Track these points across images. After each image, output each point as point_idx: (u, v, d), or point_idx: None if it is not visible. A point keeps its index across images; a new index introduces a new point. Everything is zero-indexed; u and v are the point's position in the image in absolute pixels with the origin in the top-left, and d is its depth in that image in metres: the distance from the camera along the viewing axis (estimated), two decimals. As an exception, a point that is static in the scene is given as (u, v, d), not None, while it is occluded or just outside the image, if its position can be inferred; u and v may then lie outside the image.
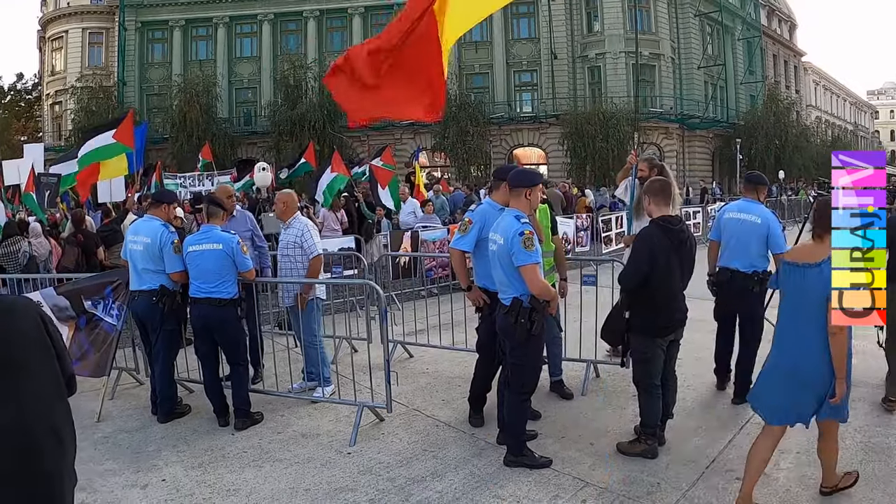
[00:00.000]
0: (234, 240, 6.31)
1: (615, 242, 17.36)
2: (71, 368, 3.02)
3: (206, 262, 6.20)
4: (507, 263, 5.00)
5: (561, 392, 6.80)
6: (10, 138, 56.03)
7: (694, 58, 44.98)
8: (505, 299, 5.13)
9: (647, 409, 5.28)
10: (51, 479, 2.85)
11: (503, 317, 5.12)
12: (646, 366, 5.22)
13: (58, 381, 2.92)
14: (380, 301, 6.14)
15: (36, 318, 2.89)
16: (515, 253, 4.90)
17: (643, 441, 5.26)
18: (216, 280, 6.20)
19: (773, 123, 44.51)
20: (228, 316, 6.28)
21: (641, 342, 5.21)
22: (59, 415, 2.91)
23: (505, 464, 5.20)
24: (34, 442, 2.77)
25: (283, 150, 38.29)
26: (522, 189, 5.20)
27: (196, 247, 6.26)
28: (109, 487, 5.12)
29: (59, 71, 49.16)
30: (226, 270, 6.23)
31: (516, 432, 5.27)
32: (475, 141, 39.82)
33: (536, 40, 44.21)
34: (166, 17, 46.96)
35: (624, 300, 5.35)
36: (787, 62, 59.47)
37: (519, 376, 5.19)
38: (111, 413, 6.79)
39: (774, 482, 4.79)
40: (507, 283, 5.10)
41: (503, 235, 5.04)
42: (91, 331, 6.89)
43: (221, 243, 6.21)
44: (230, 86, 46.30)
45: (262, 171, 18.10)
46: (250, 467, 5.40)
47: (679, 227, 5.20)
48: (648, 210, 5.31)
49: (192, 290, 6.35)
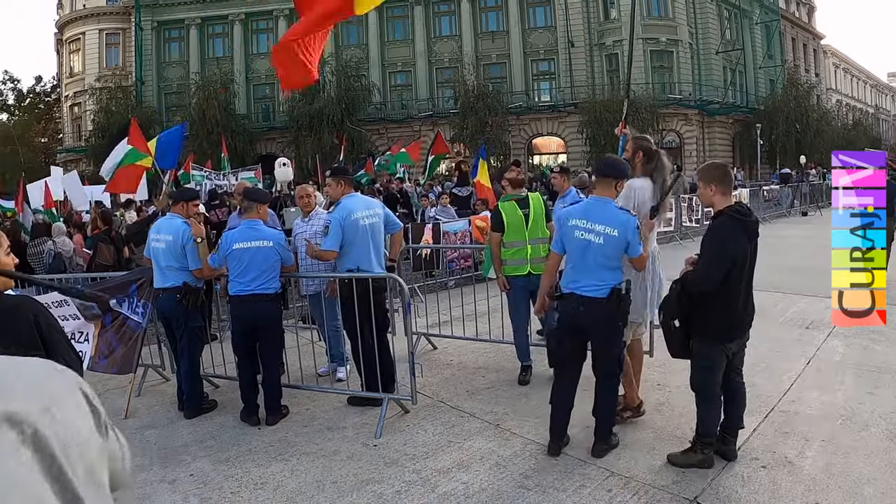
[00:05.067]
0: (282, 236, 6.37)
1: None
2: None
3: (255, 258, 6.21)
4: (616, 255, 5.00)
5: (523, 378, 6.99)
6: (31, 140, 56.70)
7: (712, 43, 44.59)
8: (600, 291, 4.99)
9: (707, 418, 4.89)
10: None
11: (602, 309, 4.99)
12: (710, 373, 4.81)
13: None
14: (403, 293, 6.15)
15: (29, 319, 2.91)
16: (632, 244, 4.96)
17: (699, 451, 4.87)
18: (265, 276, 6.21)
19: (793, 108, 44.03)
20: (272, 310, 6.32)
21: (709, 348, 4.79)
22: None
23: (597, 455, 5.12)
24: None
25: (301, 144, 38.50)
26: (613, 180, 5.16)
27: (244, 244, 6.24)
28: (138, 483, 5.16)
29: (78, 72, 49.62)
30: (274, 266, 6.27)
31: (610, 418, 5.25)
32: (494, 131, 39.75)
33: (553, 29, 44.08)
34: (182, 16, 47.30)
35: (674, 307, 4.85)
36: (807, 45, 58.80)
37: (619, 362, 5.15)
38: (138, 409, 6.87)
39: (800, 471, 4.75)
40: (606, 275, 5.01)
41: (615, 227, 4.96)
42: (118, 329, 6.95)
43: (272, 240, 6.25)
44: (248, 82, 46.55)
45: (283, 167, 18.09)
46: (277, 461, 5.43)
47: (753, 218, 4.84)
48: (710, 200, 4.82)
49: (235, 288, 6.31)
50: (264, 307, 6.23)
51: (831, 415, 5.69)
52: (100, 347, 6.93)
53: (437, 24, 46.13)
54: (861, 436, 5.26)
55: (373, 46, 45.26)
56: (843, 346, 7.69)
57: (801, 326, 8.43)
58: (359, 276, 6.19)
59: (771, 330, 8.03)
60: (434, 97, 44.83)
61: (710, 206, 4.86)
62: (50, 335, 2.96)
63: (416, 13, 45.03)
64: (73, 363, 3.05)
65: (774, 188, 27.72)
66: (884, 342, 7.66)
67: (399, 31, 46.21)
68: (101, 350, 6.93)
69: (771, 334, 7.85)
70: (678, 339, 4.87)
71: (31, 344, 2.89)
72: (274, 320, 6.37)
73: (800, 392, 6.27)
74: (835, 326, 8.15)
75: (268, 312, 6.27)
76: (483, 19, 45.49)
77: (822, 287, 5.13)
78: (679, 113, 42.26)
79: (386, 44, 45.96)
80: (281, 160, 19.28)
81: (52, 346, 2.95)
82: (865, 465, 4.77)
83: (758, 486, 4.54)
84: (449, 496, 4.68)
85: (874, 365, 6.95)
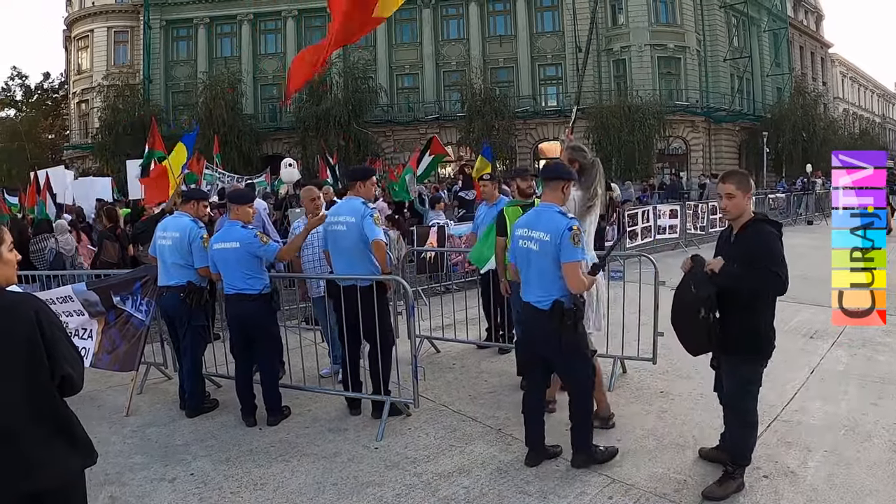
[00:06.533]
0: (251, 234, 6.31)
1: (640, 237, 17.23)
2: (66, 370, 2.99)
3: (228, 259, 6.23)
4: (553, 263, 4.79)
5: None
6: (38, 136, 56.88)
7: (720, 50, 44.59)
8: (543, 303, 4.87)
9: (746, 442, 4.62)
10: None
11: (545, 322, 4.85)
12: (752, 396, 4.53)
13: (37, 381, 2.94)
14: (406, 296, 6.14)
15: (31, 317, 2.92)
16: (564, 247, 4.70)
17: (737, 476, 4.60)
18: (242, 276, 6.20)
19: (800, 116, 43.92)
20: (259, 310, 6.28)
21: (755, 365, 4.51)
22: (16, 416, 2.91)
23: (575, 465, 5.03)
24: None
25: (308, 145, 38.54)
26: (560, 182, 5.01)
27: (220, 244, 6.29)
28: (138, 481, 5.18)
29: (86, 70, 49.80)
30: (250, 266, 6.23)
31: (586, 436, 5.06)
32: (500, 135, 39.74)
33: (561, 34, 44.07)
34: (191, 16, 47.41)
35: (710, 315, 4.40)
36: (814, 54, 58.70)
37: (576, 377, 5.01)
38: (140, 407, 6.88)
39: (802, 481, 4.74)
40: (550, 286, 4.85)
41: (548, 231, 4.82)
42: (122, 326, 6.96)
43: (238, 241, 6.22)
44: (255, 82, 46.59)
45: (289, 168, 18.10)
46: (278, 461, 5.43)
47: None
48: (744, 208, 4.52)
49: (225, 288, 6.37)
50: (249, 306, 6.23)
51: (834, 425, 5.67)
52: (103, 344, 6.95)
53: (445, 28, 46.18)
54: (864, 447, 5.25)
55: (380, 49, 45.27)
56: (847, 356, 7.67)
57: (805, 336, 8.40)
58: (362, 278, 6.16)
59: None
60: (441, 100, 44.84)
61: (740, 215, 4.54)
62: (51, 333, 2.96)
63: (424, 16, 45.06)
64: (74, 361, 3.06)
65: (780, 197, 27.66)
66: (888, 353, 7.64)
67: (407, 33, 46.21)
68: (104, 347, 6.95)
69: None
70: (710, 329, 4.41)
71: (29, 342, 2.90)
72: (261, 319, 6.33)
73: (803, 402, 6.25)
74: (839, 336, 8.15)
75: (252, 311, 6.25)
76: (491, 23, 45.51)
77: (827, 297, 5.08)
78: (686, 120, 42.22)
79: (393, 46, 45.98)
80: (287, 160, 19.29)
81: (53, 343, 2.95)
82: (868, 476, 4.76)
83: (759, 496, 4.52)
84: (450, 500, 4.67)
85: (878, 375, 6.93)
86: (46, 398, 2.99)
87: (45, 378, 2.95)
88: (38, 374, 2.93)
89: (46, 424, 2.99)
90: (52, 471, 3.00)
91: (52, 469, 3.00)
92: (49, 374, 2.95)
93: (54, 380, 2.98)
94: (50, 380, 2.96)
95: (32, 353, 2.90)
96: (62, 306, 6.84)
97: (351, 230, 6.11)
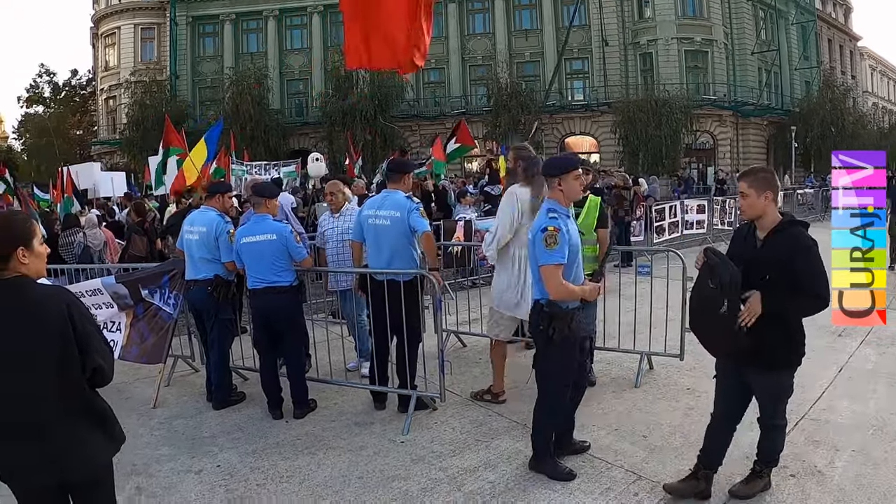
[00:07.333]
0: (287, 229, 6.35)
1: (668, 232, 17.12)
2: (97, 361, 3.02)
3: (262, 252, 6.22)
4: (534, 263, 4.73)
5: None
6: (67, 132, 57.54)
7: (747, 43, 44.06)
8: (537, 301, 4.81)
9: (775, 444, 4.46)
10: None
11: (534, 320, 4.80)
12: (785, 403, 4.37)
13: (69, 374, 2.98)
14: (434, 291, 6.15)
15: (62, 310, 2.94)
16: (538, 251, 4.59)
17: (764, 476, 4.51)
18: (273, 269, 6.21)
19: (829, 110, 43.21)
20: (288, 303, 6.31)
21: (789, 375, 4.29)
22: (48, 409, 2.96)
23: (528, 467, 4.99)
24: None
25: (335, 140, 38.65)
26: (553, 178, 4.81)
27: (250, 238, 6.27)
28: (165, 472, 5.23)
29: (113, 66, 50.26)
30: (283, 259, 6.24)
31: (537, 438, 4.96)
32: (526, 129, 39.56)
33: (587, 27, 43.75)
34: (217, 12, 47.65)
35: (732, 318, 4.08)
36: (843, 47, 57.88)
37: (541, 382, 4.91)
38: (167, 399, 6.95)
39: (829, 480, 4.68)
40: (537, 283, 4.77)
41: (532, 231, 4.77)
42: (150, 319, 7.03)
43: (276, 233, 6.23)
44: (281, 77, 46.78)
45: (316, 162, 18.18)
46: (304, 454, 5.46)
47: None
48: (763, 209, 4.15)
49: (250, 282, 6.37)
50: (277, 299, 6.23)
51: (862, 424, 5.60)
52: (131, 337, 7.03)
53: (470, 22, 46.02)
54: (892, 446, 5.18)
55: (406, 43, 45.16)
56: (876, 354, 7.57)
57: (833, 333, 8.27)
58: (387, 272, 6.16)
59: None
60: (467, 94, 44.75)
61: (759, 216, 4.18)
62: (83, 326, 2.99)
63: (449, 10, 44.87)
64: (105, 353, 3.09)
65: (809, 192, 27.36)
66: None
67: (433, 28, 45.93)
68: (132, 339, 7.03)
69: (802, 340, 7.69)
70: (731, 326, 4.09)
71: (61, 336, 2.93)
72: (289, 312, 6.34)
73: (831, 400, 6.18)
74: (868, 334, 8.03)
75: (281, 304, 6.26)
76: (517, 17, 45.31)
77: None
78: (713, 114, 41.83)
79: (420, 40, 45.84)
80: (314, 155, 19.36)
81: (86, 337, 2.98)
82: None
83: (786, 495, 4.48)
84: (475, 495, 4.67)
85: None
86: (78, 391, 3.03)
87: (77, 371, 2.97)
88: (70, 368, 2.95)
89: (78, 417, 3.03)
90: (83, 462, 3.05)
91: (83, 460, 3.04)
92: (80, 367, 2.98)
93: (85, 373, 3.01)
94: (81, 373, 3.00)
95: (64, 347, 2.92)
96: (91, 299, 6.92)
97: (395, 224, 6.10)
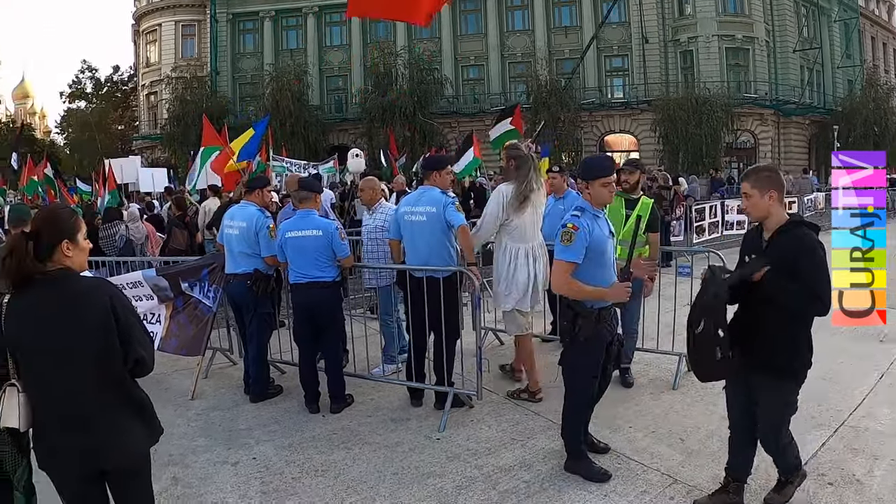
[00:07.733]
0: (333, 226, 6.38)
1: (708, 232, 16.89)
2: (139, 353, 3.06)
3: (306, 247, 6.25)
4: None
5: (622, 380, 6.78)
6: (108, 127, 58.48)
7: (789, 41, 43.23)
8: None
9: (788, 459, 4.29)
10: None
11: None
12: (786, 425, 4.20)
13: (110, 366, 3.02)
14: (472, 288, 6.12)
15: (105, 304, 2.98)
16: (556, 245, 4.65)
17: (794, 482, 4.35)
18: (317, 264, 6.23)
19: (872, 110, 42.09)
20: (330, 298, 6.34)
21: (795, 387, 4.11)
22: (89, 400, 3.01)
23: (564, 468, 4.96)
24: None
25: (374, 136, 38.75)
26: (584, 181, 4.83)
27: (295, 232, 6.30)
28: (201, 463, 5.29)
29: (154, 62, 50.95)
30: (328, 254, 6.26)
31: (568, 437, 4.96)
32: (566, 127, 39.35)
33: (627, 24, 43.28)
34: (256, 9, 47.97)
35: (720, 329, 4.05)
36: (886, 45, 56.48)
37: (567, 379, 4.91)
38: (205, 391, 7.02)
39: (868, 489, 4.58)
40: None
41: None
42: (190, 312, 7.10)
43: (322, 229, 6.26)
44: (321, 74, 46.96)
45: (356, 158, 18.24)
46: (339, 449, 5.48)
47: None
48: (765, 210, 4.06)
49: (292, 277, 6.40)
50: (319, 294, 6.26)
51: (904, 432, 5.47)
52: (171, 329, 7.11)
53: (509, 19, 45.79)
54: (935, 455, 5.05)
55: (445, 40, 45.09)
56: (920, 360, 7.39)
57: (874, 339, 8.08)
58: (425, 268, 6.15)
59: (842, 342, 7.65)
60: (506, 91, 44.43)
61: (764, 217, 4.09)
62: (125, 318, 3.03)
63: (488, 7, 44.74)
64: (146, 345, 3.13)
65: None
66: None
67: (472, 24, 45.97)
68: (171, 331, 7.11)
69: (842, 346, 7.53)
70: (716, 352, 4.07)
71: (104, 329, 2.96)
72: (330, 307, 6.38)
73: (871, 407, 6.03)
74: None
75: (323, 299, 6.29)
76: (556, 14, 44.98)
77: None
78: (754, 112, 41.13)
79: (458, 37, 45.77)
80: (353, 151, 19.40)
81: (128, 328, 3.02)
82: (938, 486, 4.57)
83: (824, 502, 4.41)
84: (510, 494, 4.65)
85: (952, 381, 6.66)
86: (118, 381, 3.07)
87: (118, 362, 3.02)
88: (112, 359, 3.00)
89: (118, 407, 3.07)
90: (123, 451, 3.09)
91: (123, 450, 3.09)
92: (122, 358, 3.02)
93: (127, 364, 3.04)
94: (123, 364, 3.03)
95: (106, 339, 2.97)
96: (132, 291, 7.01)
97: (431, 220, 6.13)
